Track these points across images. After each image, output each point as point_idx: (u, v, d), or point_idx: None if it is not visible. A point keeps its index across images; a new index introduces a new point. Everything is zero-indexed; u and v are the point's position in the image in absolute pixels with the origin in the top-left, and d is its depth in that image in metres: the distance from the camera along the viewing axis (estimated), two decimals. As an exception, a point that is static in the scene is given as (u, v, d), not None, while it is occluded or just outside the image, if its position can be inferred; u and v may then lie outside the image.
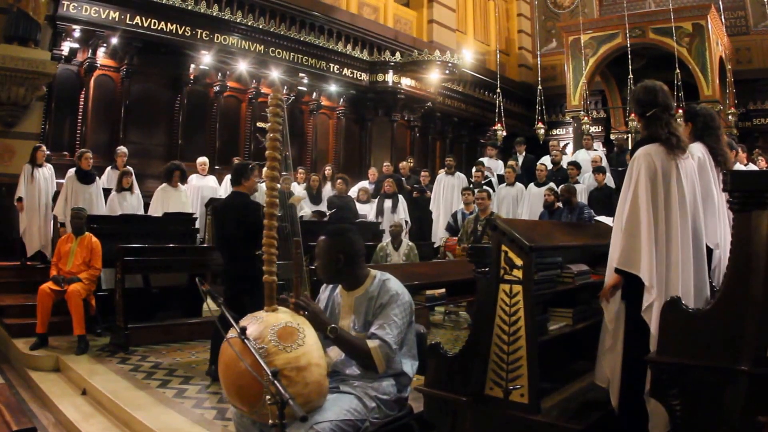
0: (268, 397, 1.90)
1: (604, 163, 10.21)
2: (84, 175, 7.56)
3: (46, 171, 7.78)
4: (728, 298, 2.37)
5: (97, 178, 7.82)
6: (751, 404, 2.23)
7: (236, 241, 4.63)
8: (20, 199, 7.57)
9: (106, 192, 7.98)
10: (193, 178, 9.32)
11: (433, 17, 14.50)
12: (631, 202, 2.83)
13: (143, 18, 9.34)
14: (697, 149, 3.32)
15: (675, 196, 2.83)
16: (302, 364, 2.24)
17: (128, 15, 9.18)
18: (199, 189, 9.22)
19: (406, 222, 9.43)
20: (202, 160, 9.46)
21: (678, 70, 11.33)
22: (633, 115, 3.17)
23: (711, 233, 3.13)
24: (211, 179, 9.50)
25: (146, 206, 8.13)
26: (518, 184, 9.87)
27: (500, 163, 11.87)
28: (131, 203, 7.79)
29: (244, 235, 4.49)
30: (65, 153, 9.02)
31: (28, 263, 7.64)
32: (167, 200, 7.98)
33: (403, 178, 10.88)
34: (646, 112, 2.98)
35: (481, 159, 12.08)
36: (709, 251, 3.15)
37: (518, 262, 2.88)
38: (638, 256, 2.77)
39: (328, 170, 10.70)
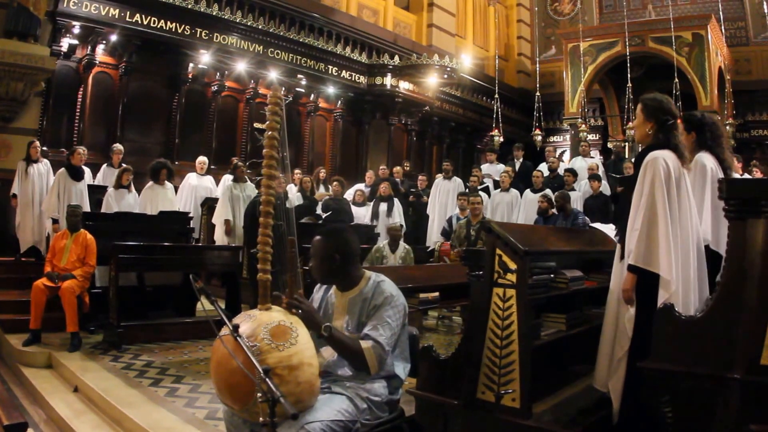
0: (259, 394, 1.90)
1: (601, 170, 10.22)
2: (75, 171, 7.52)
3: (42, 167, 7.71)
4: (722, 305, 2.38)
5: (85, 174, 7.78)
6: (743, 412, 2.23)
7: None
8: (15, 195, 7.54)
9: (96, 188, 7.96)
10: (191, 177, 9.33)
11: (432, 21, 14.53)
12: (647, 203, 2.82)
13: (143, 16, 9.37)
14: (708, 160, 3.32)
15: (685, 200, 2.88)
16: (294, 363, 2.23)
17: (128, 12, 9.21)
18: (196, 188, 9.22)
19: (401, 225, 9.41)
20: (202, 160, 9.47)
21: (677, 80, 11.37)
22: (644, 120, 3.09)
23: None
24: (208, 179, 9.49)
25: (137, 205, 8.10)
26: (513, 190, 9.82)
27: (501, 166, 11.81)
28: (128, 201, 7.76)
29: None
30: (62, 149, 8.97)
31: (23, 259, 7.59)
32: (155, 198, 7.99)
33: (398, 181, 10.87)
34: (669, 120, 3.00)
35: (482, 165, 12.05)
36: (718, 260, 3.16)
37: (512, 265, 2.87)
38: (656, 253, 2.75)
39: (322, 173, 10.68)
